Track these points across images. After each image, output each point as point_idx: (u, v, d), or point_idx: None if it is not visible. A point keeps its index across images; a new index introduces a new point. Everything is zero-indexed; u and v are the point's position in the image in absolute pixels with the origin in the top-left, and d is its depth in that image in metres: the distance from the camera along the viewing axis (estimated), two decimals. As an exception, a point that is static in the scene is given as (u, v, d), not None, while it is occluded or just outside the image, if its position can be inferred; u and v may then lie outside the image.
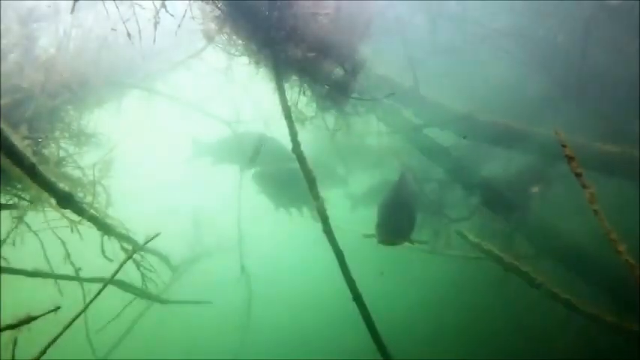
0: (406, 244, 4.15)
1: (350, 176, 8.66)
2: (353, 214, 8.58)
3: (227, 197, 6.15)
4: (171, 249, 7.29)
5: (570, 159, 1.93)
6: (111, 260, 3.54)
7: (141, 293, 4.30)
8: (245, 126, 7.12)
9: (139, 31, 3.30)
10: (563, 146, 1.97)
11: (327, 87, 5.44)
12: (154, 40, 3.29)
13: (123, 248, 3.74)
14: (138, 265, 3.87)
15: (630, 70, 6.45)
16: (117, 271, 2.57)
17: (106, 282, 2.51)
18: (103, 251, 4.04)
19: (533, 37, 7.38)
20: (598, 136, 7.46)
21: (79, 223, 3.49)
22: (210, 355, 9.30)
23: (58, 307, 2.24)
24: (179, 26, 3.41)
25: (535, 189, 7.78)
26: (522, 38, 7.39)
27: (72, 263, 3.71)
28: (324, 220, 3.83)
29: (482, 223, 8.12)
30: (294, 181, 5.79)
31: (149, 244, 5.34)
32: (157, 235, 2.81)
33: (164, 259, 6.03)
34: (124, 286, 4.30)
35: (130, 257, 2.66)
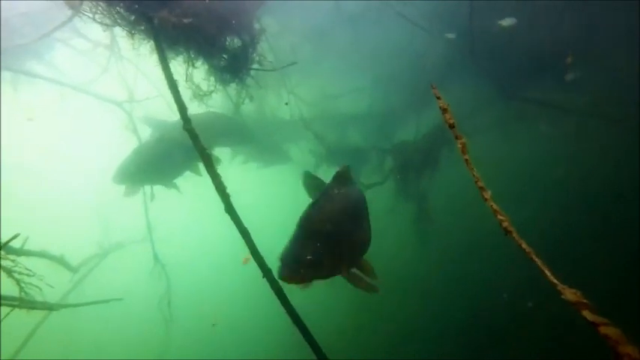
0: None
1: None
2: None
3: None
4: (73, 249, 6.63)
5: (444, 110, 1.88)
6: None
7: (23, 304, 3.75)
8: (142, 105, 6.50)
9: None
10: (438, 98, 1.90)
11: (225, 58, 5.12)
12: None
13: (-17, 256, 3.19)
14: (9, 273, 3.34)
15: (530, 35, 6.88)
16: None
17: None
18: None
19: (431, 3, 7.55)
20: (492, 98, 8.02)
21: None
22: (137, 352, 8.84)
23: None
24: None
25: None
26: (422, 4, 7.53)
27: None
28: (226, 199, 3.60)
29: (396, 187, 8.43)
30: (167, 157, 5.58)
31: (36, 249, 4.80)
32: (15, 236, 2.38)
33: (58, 260, 5.40)
34: (-5, 299, 3.71)
35: (-19, 266, 2.21)
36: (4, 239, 3.66)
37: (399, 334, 7.07)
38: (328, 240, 2.42)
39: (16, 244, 3.84)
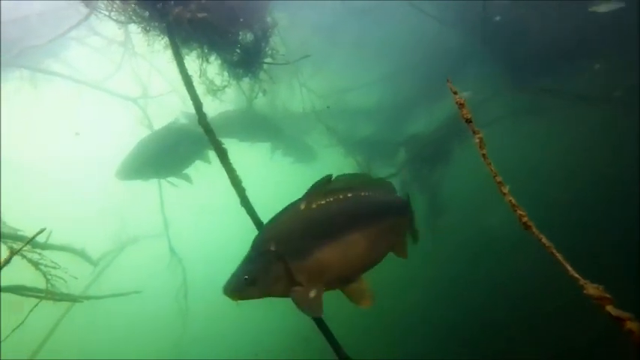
0: None
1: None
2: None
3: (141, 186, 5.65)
4: (92, 244, 6.77)
5: (461, 105, 1.88)
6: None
7: (49, 295, 3.87)
8: (157, 101, 6.59)
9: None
10: (454, 93, 1.91)
11: (238, 53, 5.14)
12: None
13: (10, 250, 3.30)
14: (36, 265, 3.45)
15: (544, 24, 6.75)
16: (-6, 278, 2.21)
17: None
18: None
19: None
20: (509, 88, 7.91)
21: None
22: (154, 344, 9.02)
23: None
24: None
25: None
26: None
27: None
28: (241, 193, 3.64)
29: (410, 178, 8.41)
30: (174, 148, 5.55)
31: (61, 241, 4.94)
32: (42, 230, 2.46)
33: (80, 253, 5.54)
34: (22, 291, 3.84)
35: (9, 259, 2.31)
36: (27, 234, 3.78)
37: (409, 333, 7.02)
38: (271, 260, 2.34)
39: (39, 238, 3.95)
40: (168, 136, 5.66)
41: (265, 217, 3.70)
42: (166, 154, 5.56)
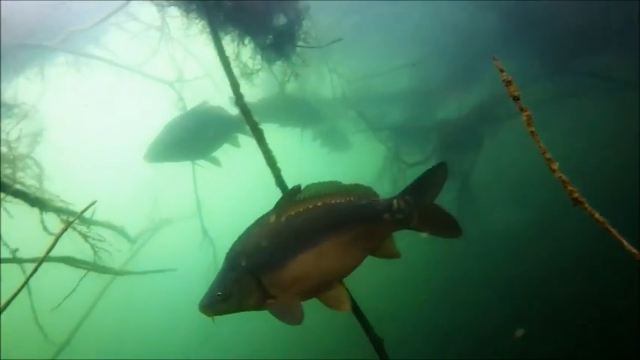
0: None
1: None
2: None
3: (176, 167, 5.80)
4: (128, 222, 7.06)
5: (508, 83, 1.88)
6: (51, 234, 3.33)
7: (95, 267, 4.11)
8: (191, 85, 6.74)
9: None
10: (501, 71, 1.90)
11: (271, 37, 5.19)
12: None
13: (63, 222, 3.52)
14: (85, 237, 3.67)
15: (580, 5, 6.47)
16: (52, 246, 2.37)
17: (42, 258, 2.33)
18: (44, 228, 3.81)
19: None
20: (546, 71, 7.65)
21: (4, 200, 3.21)
22: (187, 323, 9.36)
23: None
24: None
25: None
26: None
27: (6, 244, 3.46)
28: (276, 173, 3.72)
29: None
30: (202, 130, 5.47)
31: (101, 219, 5.18)
32: (93, 202, 2.61)
33: (119, 230, 5.80)
34: (72, 262, 4.10)
35: (66, 228, 2.46)
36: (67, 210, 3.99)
37: (414, 335, 6.86)
38: (242, 275, 2.34)
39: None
40: (196, 118, 5.59)
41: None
42: (194, 137, 5.49)
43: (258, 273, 2.33)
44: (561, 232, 7.17)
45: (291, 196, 2.43)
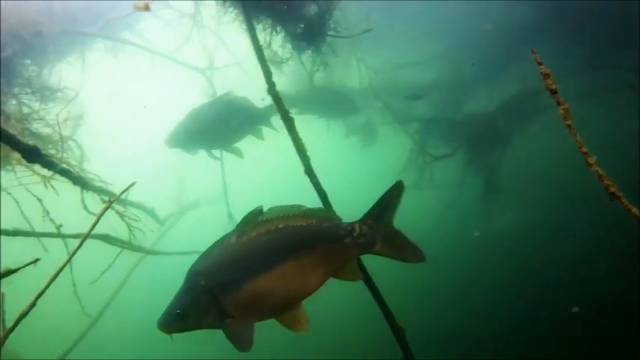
0: None
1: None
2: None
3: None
4: (158, 204, 7.28)
5: (546, 76, 1.89)
6: (93, 214, 3.49)
7: (129, 246, 4.31)
8: (221, 73, 6.86)
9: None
10: (539, 64, 1.91)
11: (302, 26, 5.22)
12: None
13: (103, 201, 3.71)
14: (122, 217, 3.85)
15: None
16: (95, 223, 2.52)
17: (86, 235, 2.48)
18: (84, 206, 4.01)
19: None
20: (583, 64, 7.42)
21: (51, 178, 3.40)
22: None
23: (37, 259, 2.23)
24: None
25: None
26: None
27: (52, 220, 3.67)
28: (306, 161, 3.77)
29: (466, 160, 8.23)
30: (224, 120, 5.39)
31: (134, 200, 5.39)
32: (133, 183, 2.75)
33: (150, 211, 6.01)
34: (109, 239, 4.31)
35: (108, 207, 2.61)
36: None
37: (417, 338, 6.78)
38: (200, 295, 2.36)
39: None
40: (220, 108, 5.54)
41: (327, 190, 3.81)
42: (216, 126, 5.42)
43: (216, 293, 2.35)
44: (562, 232, 7.10)
45: (253, 217, 2.46)
